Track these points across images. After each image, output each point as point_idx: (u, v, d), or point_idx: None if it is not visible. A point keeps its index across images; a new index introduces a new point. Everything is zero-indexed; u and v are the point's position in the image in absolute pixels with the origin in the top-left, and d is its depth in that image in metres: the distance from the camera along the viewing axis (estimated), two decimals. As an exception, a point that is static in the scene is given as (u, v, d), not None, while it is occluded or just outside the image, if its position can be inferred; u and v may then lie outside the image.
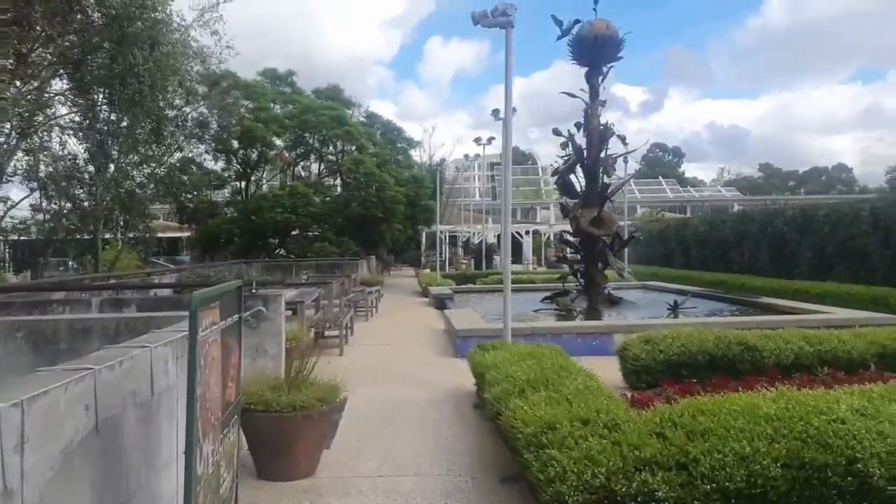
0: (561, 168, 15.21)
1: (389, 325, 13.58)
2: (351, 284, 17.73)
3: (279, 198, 24.67)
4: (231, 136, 24.80)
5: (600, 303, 14.61)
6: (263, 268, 21.59)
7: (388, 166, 25.75)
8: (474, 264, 34.01)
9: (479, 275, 24.68)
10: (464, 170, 51.11)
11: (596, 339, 10.13)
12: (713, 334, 7.82)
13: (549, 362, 5.79)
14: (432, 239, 46.03)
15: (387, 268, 36.26)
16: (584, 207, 14.79)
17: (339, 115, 25.76)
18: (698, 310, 13.58)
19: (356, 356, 10.12)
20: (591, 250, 14.76)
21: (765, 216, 19.80)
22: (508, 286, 7.95)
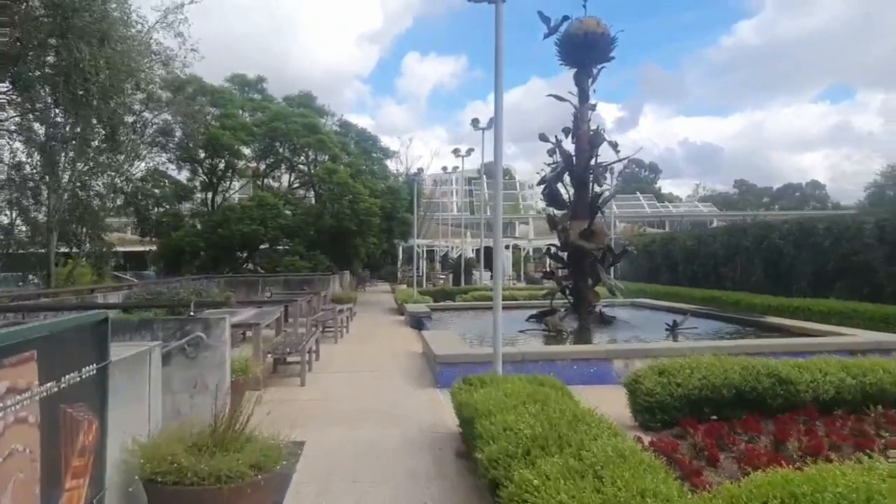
0: (548, 176, 14.07)
1: (361, 349, 12.26)
2: (320, 302, 16.38)
3: (247, 209, 23.26)
4: (196, 144, 23.38)
5: (591, 322, 13.44)
6: (228, 283, 20.11)
7: (363, 177, 24.49)
8: (453, 280, 32.75)
9: (458, 291, 23.44)
10: (441, 183, 50.05)
11: (594, 366, 8.93)
12: (738, 364, 6.65)
13: (558, 408, 4.56)
14: (409, 253, 44.80)
15: (362, 283, 34.87)
16: (574, 219, 13.66)
17: (311, 122, 24.46)
18: (699, 331, 12.46)
19: (320, 386, 8.79)
20: (580, 265, 13.60)
21: (759, 230, 18.86)
22: (499, 310, 6.72)
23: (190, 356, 6.24)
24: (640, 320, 14.40)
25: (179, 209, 26.25)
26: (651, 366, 6.86)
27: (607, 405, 7.75)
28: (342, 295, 19.79)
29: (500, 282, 6.71)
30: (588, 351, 9.01)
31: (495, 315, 6.68)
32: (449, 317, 17.14)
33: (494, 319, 6.67)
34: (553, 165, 13.99)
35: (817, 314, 14.32)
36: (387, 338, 13.91)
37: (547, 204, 14.63)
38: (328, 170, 23.41)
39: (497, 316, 6.66)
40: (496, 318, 6.66)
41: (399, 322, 17.30)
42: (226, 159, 24.85)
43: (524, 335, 12.42)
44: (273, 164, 26.87)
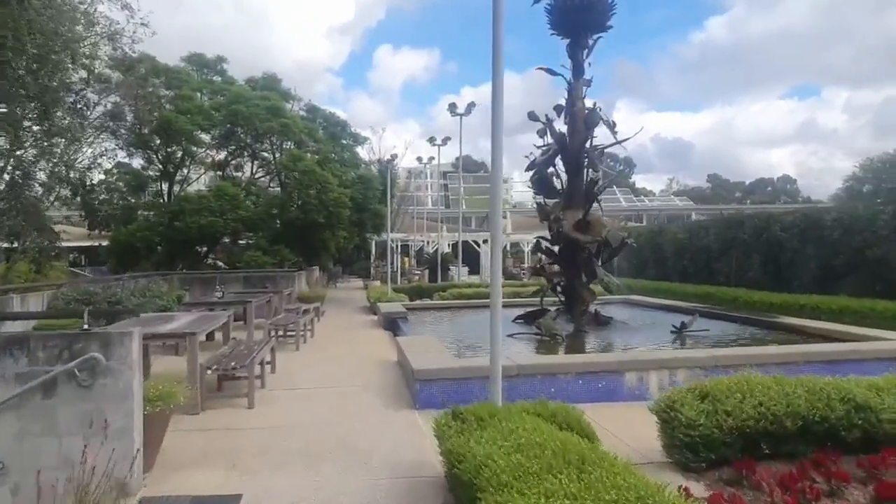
0: (538, 160, 12.57)
1: (325, 358, 10.64)
2: (283, 301, 14.73)
3: (204, 200, 21.41)
4: (149, 129, 21.47)
5: (586, 324, 12.00)
6: (181, 281, 18.34)
7: (332, 165, 22.74)
8: (429, 276, 31.21)
9: (435, 288, 21.88)
10: (416, 176, 48.41)
11: (602, 380, 7.46)
12: (801, 386, 5.24)
13: (597, 472, 3.04)
14: (383, 248, 43.14)
15: (333, 280, 33.13)
16: (567, 208, 12.20)
17: (275, 106, 22.64)
18: (711, 333, 11.08)
19: (273, 409, 7.19)
20: (574, 260, 12.15)
21: (758, 221, 17.59)
22: (499, 324, 5.17)
23: (83, 384, 4.61)
24: (640, 321, 13.02)
25: (133, 201, 24.28)
26: (690, 388, 5.40)
27: (627, 432, 6.29)
28: (308, 293, 18.12)
29: (499, 281, 5.16)
30: (596, 363, 7.53)
31: (494, 329, 5.13)
32: (426, 317, 15.59)
33: (492, 333, 5.13)
34: (544, 148, 12.51)
35: (827, 312, 13.08)
36: (357, 343, 12.31)
37: (536, 192, 13.13)
38: (293, 157, 21.63)
39: (496, 329, 5.12)
40: (495, 330, 5.12)
41: (371, 323, 15.70)
42: (182, 146, 22.92)
43: (512, 339, 10.93)
44: (235, 152, 24.98)
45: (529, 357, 7.90)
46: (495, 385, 4.94)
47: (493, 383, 4.94)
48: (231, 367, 7.30)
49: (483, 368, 7.20)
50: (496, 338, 5.11)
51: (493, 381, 4.97)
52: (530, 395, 7.22)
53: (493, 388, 4.93)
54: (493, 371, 5.03)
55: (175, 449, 5.75)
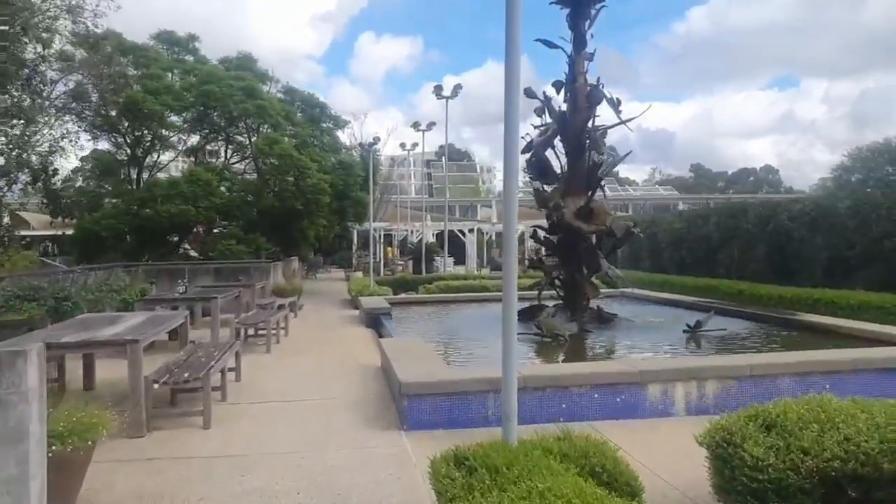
0: (535, 141, 11.43)
1: (300, 362, 9.44)
2: (255, 296, 13.49)
3: (175, 186, 20.04)
4: (116, 110, 20.07)
5: (588, 321, 10.92)
6: (148, 273, 17.01)
7: (310, 149, 21.41)
8: (413, 267, 30.04)
9: (420, 280, 20.73)
10: (398, 164, 47.11)
11: (621, 393, 6.38)
12: (889, 412, 4.16)
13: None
14: (365, 237, 41.87)
15: (312, 270, 31.82)
16: (567, 194, 11.09)
17: (250, 86, 21.24)
18: (729, 332, 10.06)
19: (233, 431, 6.01)
20: (575, 251, 11.05)
21: (763, 210, 16.63)
22: (512, 342, 4.00)
23: (-43, 421, 3.41)
24: (645, 318, 11.97)
25: (103, 187, 22.83)
26: (749, 415, 4.30)
27: (661, 462, 5.16)
28: (284, 286, 16.88)
29: (514, 278, 3.98)
30: (614, 373, 6.43)
31: (507, 345, 3.97)
32: (412, 313, 14.45)
33: (505, 355, 3.97)
34: (541, 128, 11.37)
35: (845, 308, 12.11)
36: (336, 343, 11.13)
37: (532, 177, 11.99)
38: (269, 140, 20.27)
39: (510, 346, 3.96)
40: (508, 346, 3.96)
41: (352, 319, 14.51)
42: (151, 129, 21.47)
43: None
44: (208, 136, 23.54)
45: (537, 367, 6.79)
46: (510, 423, 3.78)
47: (508, 420, 3.79)
48: (183, 380, 6.10)
49: (482, 381, 6.10)
50: (509, 354, 3.96)
51: (507, 418, 3.82)
52: (539, 411, 6.14)
53: (508, 426, 3.77)
54: (507, 403, 3.88)
55: (102, 490, 4.58)
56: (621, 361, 6.85)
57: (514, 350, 3.89)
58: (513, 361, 3.87)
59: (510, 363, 3.85)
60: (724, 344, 9.42)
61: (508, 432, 3.74)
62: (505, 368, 3.86)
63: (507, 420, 3.75)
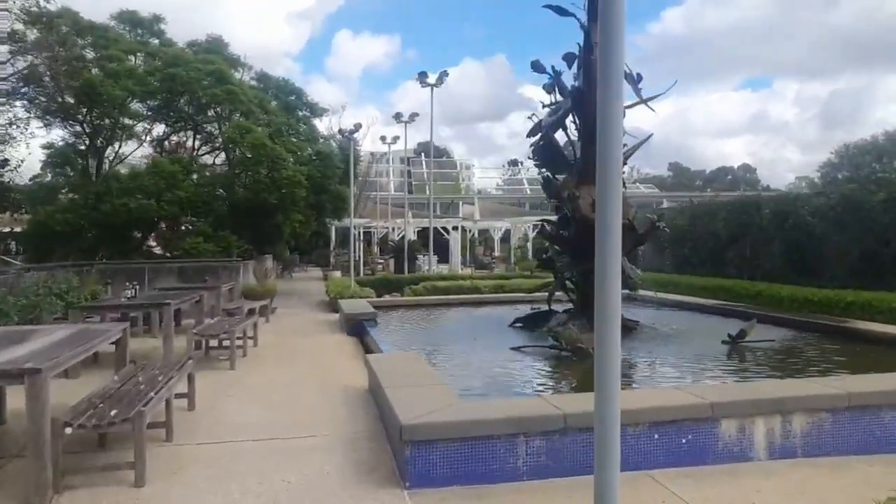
0: (544, 122, 9.95)
1: (269, 383, 7.83)
2: (220, 299, 11.85)
3: (136, 178, 18.28)
4: (67, 93, 18.25)
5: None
6: (102, 273, 15.22)
7: (285, 139, 19.73)
8: (394, 265, 28.47)
9: (404, 280, 19.16)
10: (378, 159, 45.42)
11: (688, 432, 4.93)
12: None
13: None
14: (343, 235, 40.15)
15: (287, 269, 30.05)
16: (582, 184, 9.62)
17: (220, 71, 19.48)
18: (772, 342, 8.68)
19: (174, 495, 4.43)
20: (590, 248, 9.57)
21: (780, 204, 15.34)
22: (613, 373, 2.47)
23: None
24: (668, 325, 10.56)
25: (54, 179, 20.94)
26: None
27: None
28: (256, 287, 15.22)
29: (616, 290, 2.47)
30: (679, 406, 4.96)
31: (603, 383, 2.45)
32: (400, 318, 12.91)
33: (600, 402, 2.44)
34: (552, 107, 9.89)
35: (884, 312, 10.83)
36: (313, 356, 9.53)
37: (538, 162, 10.52)
38: (241, 128, 18.54)
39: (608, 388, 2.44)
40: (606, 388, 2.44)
41: (331, 325, 12.93)
42: (112, 117, 19.63)
43: (519, 356, 8.35)
44: (175, 125, 21.73)
45: (577, 399, 5.28)
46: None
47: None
48: (108, 420, 4.51)
49: (511, 421, 4.61)
50: (609, 401, 2.45)
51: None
52: (587, 462, 4.63)
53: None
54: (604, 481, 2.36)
55: None
56: (685, 389, 5.38)
57: (615, 388, 2.39)
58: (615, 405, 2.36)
59: (610, 408, 2.35)
60: (778, 359, 8.04)
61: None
62: (600, 413, 2.35)
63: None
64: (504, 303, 14.14)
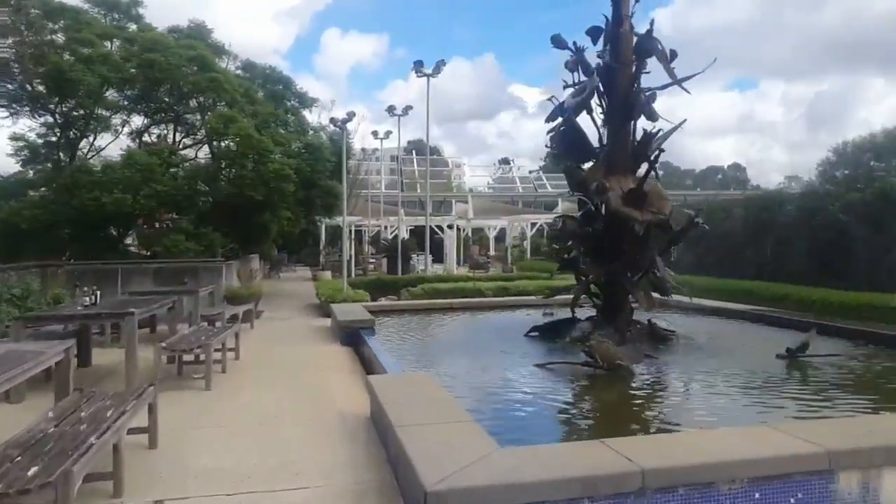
0: (567, 104, 8.78)
1: (250, 409, 6.57)
2: (199, 305, 10.58)
3: (110, 171, 16.93)
4: (34, 80, 16.90)
5: (636, 340, 8.31)
6: (71, 274, 13.91)
7: (272, 130, 18.44)
8: (387, 266, 27.23)
9: (400, 281, 17.95)
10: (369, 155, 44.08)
11: (797, 489, 3.78)
12: None
13: None
14: (333, 233, 38.84)
15: (275, 269, 28.73)
16: (611, 174, 8.45)
17: (202, 57, 18.17)
18: (837, 356, 7.55)
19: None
20: (620, 248, 8.44)
21: (809, 200, 14.26)
22: None
23: None
24: (703, 333, 9.40)
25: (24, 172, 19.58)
26: None
27: None
28: (239, 290, 13.96)
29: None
30: (784, 456, 3.79)
31: None
32: (399, 325, 11.68)
33: None
34: (577, 87, 8.72)
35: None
36: (303, 372, 8.30)
37: (558, 152, 9.34)
38: (225, 118, 17.23)
39: None
40: None
41: (323, 332, 11.71)
42: (85, 106, 18.26)
43: (549, 374, 7.16)
44: (154, 115, 20.37)
45: (659, 448, 4.08)
46: None
47: None
48: (17, 489, 3.28)
49: (573, 482, 3.43)
50: None
51: None
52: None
53: None
54: None
55: None
56: (784, 430, 4.21)
57: None
58: None
59: None
60: (859, 379, 6.88)
61: None
62: None
63: None
64: (511, 307, 12.96)
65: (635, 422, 5.68)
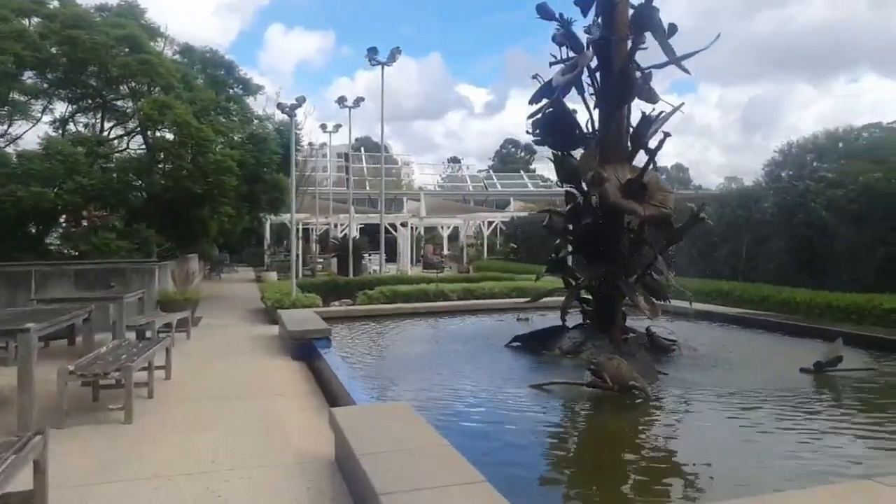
0: (555, 82, 7.69)
1: (181, 456, 5.23)
2: (124, 313, 9.08)
3: (27, 162, 15.08)
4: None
5: (633, 351, 7.29)
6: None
7: (213, 118, 16.84)
8: (338, 266, 25.81)
9: (354, 283, 16.63)
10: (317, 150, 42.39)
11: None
12: None
13: None
14: (278, 231, 37.07)
15: (216, 270, 26.92)
16: (605, 162, 7.40)
17: (132, 36, 16.43)
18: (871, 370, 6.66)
19: None
20: (616, 246, 7.41)
21: (788, 196, 13.60)
22: None
23: None
24: (702, 342, 8.44)
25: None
26: None
27: None
28: (174, 295, 12.41)
29: None
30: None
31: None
32: (359, 333, 10.41)
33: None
34: (567, 63, 7.64)
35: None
36: (249, 398, 6.97)
37: (541, 138, 8.23)
38: (159, 104, 15.55)
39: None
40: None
41: (271, 342, 10.35)
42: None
43: (549, 398, 6.05)
44: (79, 102, 18.44)
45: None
46: None
47: None
48: None
49: None
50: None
51: None
52: None
53: None
54: None
55: None
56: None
57: None
58: None
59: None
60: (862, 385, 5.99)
61: None
62: None
63: None
64: (480, 311, 11.88)
65: (680, 471, 4.58)
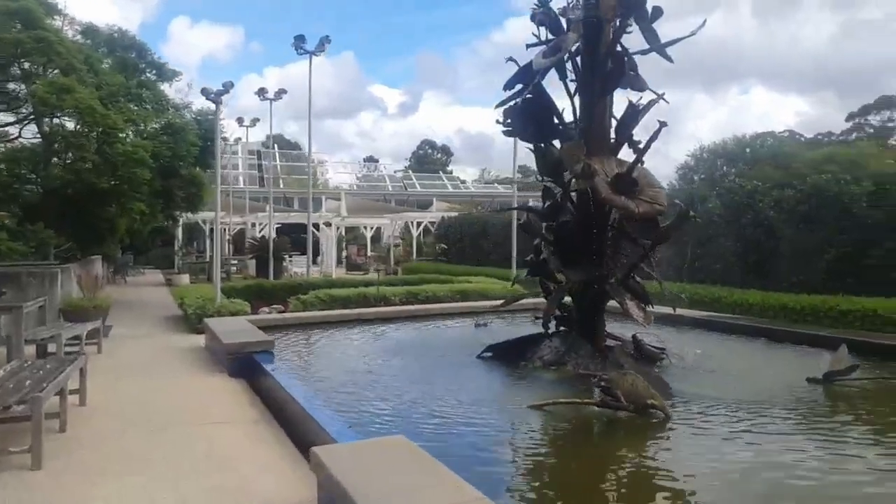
0: (536, 65, 6.94)
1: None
2: (21, 327, 7.62)
3: None
4: None
5: (618, 361, 6.64)
6: None
7: (123, 105, 15.13)
8: (257, 267, 24.27)
9: (281, 287, 15.39)
10: (230, 145, 40.28)
11: None
12: None
13: None
14: (189, 232, 34.87)
15: (120, 273, 24.71)
16: (591, 154, 6.72)
17: (26, 9, 14.49)
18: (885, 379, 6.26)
19: None
20: (601, 247, 6.75)
21: (737, 197, 13.45)
22: None
23: None
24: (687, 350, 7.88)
25: None
26: None
27: None
28: (81, 303, 10.84)
29: None
30: None
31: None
32: (302, 344, 9.31)
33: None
34: (548, 45, 6.91)
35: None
36: (182, 422, 5.83)
37: (513, 128, 7.46)
38: (58, 87, 13.76)
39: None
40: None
41: (195, 355, 9.10)
42: None
43: (553, 420, 5.26)
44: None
45: None
46: None
47: None
48: None
49: None
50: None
51: None
52: None
53: None
54: None
55: None
56: None
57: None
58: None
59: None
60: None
61: None
62: None
63: None
64: (431, 316, 11.03)
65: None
